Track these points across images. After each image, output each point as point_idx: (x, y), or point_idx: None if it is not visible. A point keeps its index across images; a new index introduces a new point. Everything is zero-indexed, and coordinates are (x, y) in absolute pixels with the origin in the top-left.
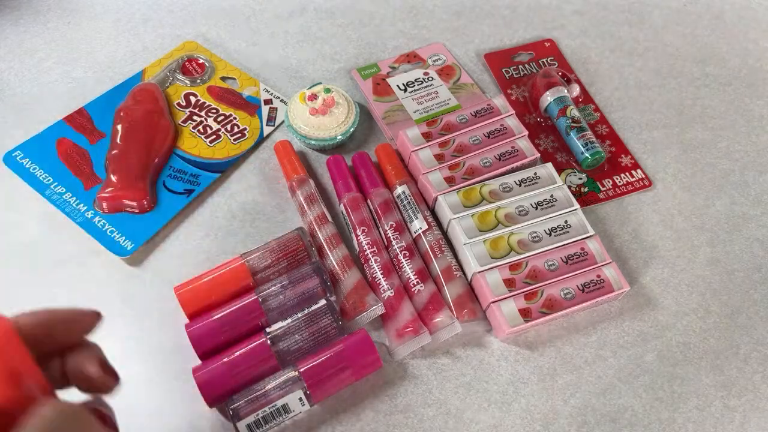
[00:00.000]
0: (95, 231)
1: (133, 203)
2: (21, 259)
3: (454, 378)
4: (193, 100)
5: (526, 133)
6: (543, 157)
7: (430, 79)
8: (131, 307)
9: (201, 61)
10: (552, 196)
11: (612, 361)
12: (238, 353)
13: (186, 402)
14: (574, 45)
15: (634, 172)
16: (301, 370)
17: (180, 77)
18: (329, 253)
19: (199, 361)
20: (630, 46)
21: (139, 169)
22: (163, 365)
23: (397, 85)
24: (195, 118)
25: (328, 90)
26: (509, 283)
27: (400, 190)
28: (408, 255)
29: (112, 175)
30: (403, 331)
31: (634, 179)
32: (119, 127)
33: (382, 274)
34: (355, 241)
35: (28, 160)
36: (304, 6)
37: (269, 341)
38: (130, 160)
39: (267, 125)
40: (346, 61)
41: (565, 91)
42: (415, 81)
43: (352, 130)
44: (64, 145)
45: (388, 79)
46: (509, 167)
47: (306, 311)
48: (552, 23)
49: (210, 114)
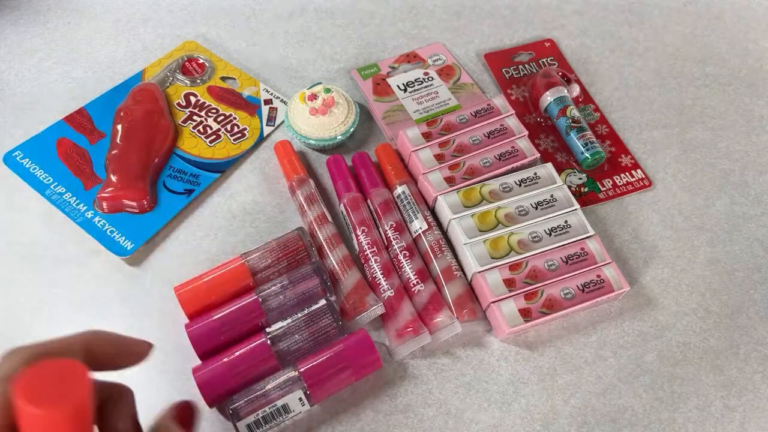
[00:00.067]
0: (95, 231)
1: (133, 203)
2: (21, 259)
3: (454, 378)
4: (193, 100)
5: (526, 133)
6: (543, 157)
7: (430, 79)
8: (131, 307)
9: (201, 61)
10: (552, 196)
11: (612, 361)
12: (238, 353)
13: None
14: (574, 45)
15: (634, 172)
16: (301, 370)
17: (180, 77)
18: (329, 253)
19: (199, 361)
20: (630, 46)
21: (139, 169)
22: (163, 365)
23: (397, 85)
24: (195, 118)
25: (328, 90)
26: (509, 283)
27: (400, 190)
28: (408, 255)
29: (112, 175)
30: (403, 331)
31: (634, 179)
32: (119, 127)
33: (382, 274)
34: (355, 241)
35: (28, 160)
36: (304, 6)
37: (269, 341)
38: (130, 160)
39: (267, 125)
40: (346, 61)
41: (565, 91)
42: (415, 81)
43: (352, 130)
44: (64, 145)
45: (388, 79)
46: (509, 167)
47: (306, 311)
48: (552, 23)
49: (210, 114)
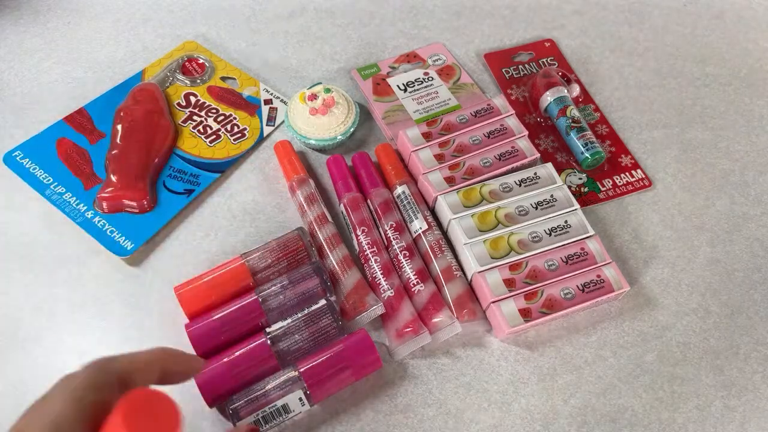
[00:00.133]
0: (95, 231)
1: (133, 203)
2: (21, 259)
3: (454, 378)
4: (193, 100)
5: (526, 133)
6: (543, 157)
7: (430, 79)
8: (131, 307)
9: (201, 61)
10: (552, 196)
11: (612, 361)
12: (238, 353)
13: (186, 402)
14: (574, 45)
15: (634, 172)
16: (301, 370)
17: (180, 77)
18: (329, 253)
19: None
20: (630, 46)
21: (139, 169)
22: None
23: (397, 85)
24: (195, 118)
25: (328, 90)
26: (509, 283)
27: (400, 190)
28: (408, 255)
29: (112, 175)
30: (403, 331)
31: (634, 179)
32: (119, 127)
33: (382, 274)
34: (355, 241)
35: (28, 160)
36: (304, 6)
37: (269, 341)
38: (130, 160)
39: (267, 125)
40: (346, 61)
41: (565, 91)
42: (415, 81)
43: (352, 130)
44: (64, 145)
45: (388, 79)
46: (509, 167)
47: (306, 311)
48: (552, 23)
49: (210, 114)
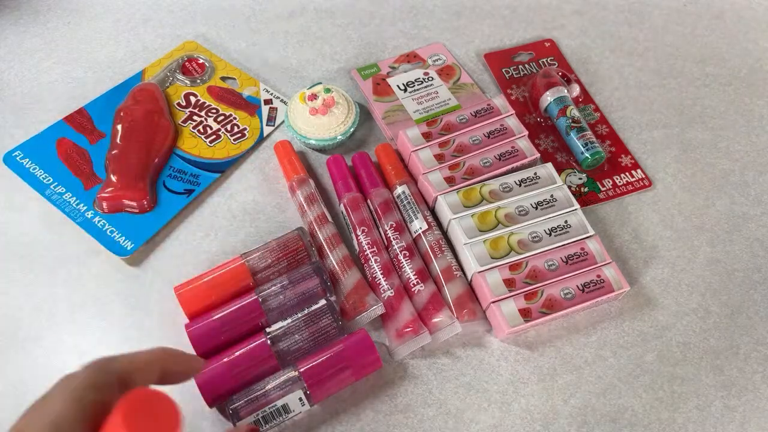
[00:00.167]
0: (95, 231)
1: (133, 203)
2: (21, 259)
3: (454, 378)
4: (193, 100)
5: (526, 133)
6: (543, 157)
7: (430, 79)
8: (131, 307)
9: (201, 61)
10: (552, 196)
11: (612, 361)
12: (238, 353)
13: (186, 401)
14: (574, 45)
15: (634, 172)
16: (301, 370)
17: (180, 77)
18: (329, 253)
19: None
20: (630, 46)
21: (139, 169)
22: None
23: (397, 85)
24: (195, 118)
25: (328, 90)
26: (509, 283)
27: (400, 190)
28: (408, 255)
29: (112, 175)
30: (403, 331)
31: (634, 179)
32: (119, 127)
33: (382, 274)
34: (355, 241)
35: (28, 160)
36: (304, 6)
37: (269, 341)
38: (130, 160)
39: (267, 125)
40: (346, 61)
41: (565, 91)
42: (415, 81)
43: (352, 130)
44: (64, 145)
45: (388, 79)
46: (509, 167)
47: (306, 311)
48: (552, 23)
49: (210, 114)
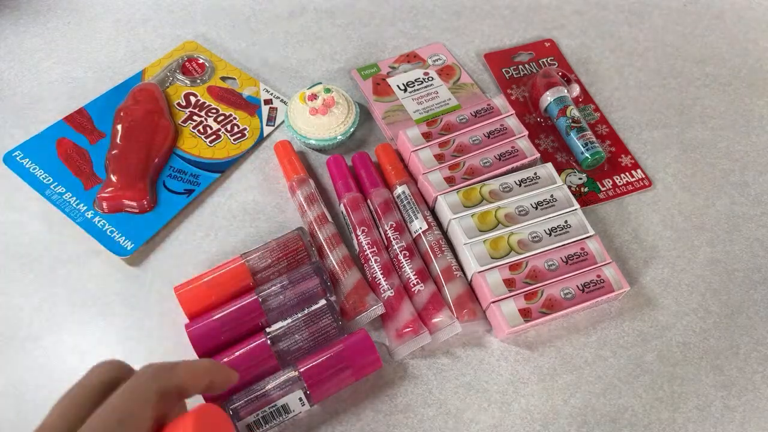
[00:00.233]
0: (95, 231)
1: (133, 203)
2: (21, 259)
3: (454, 378)
4: (193, 100)
5: (526, 133)
6: (543, 157)
7: (430, 79)
8: (131, 307)
9: (201, 61)
10: (552, 196)
11: (612, 361)
12: (238, 353)
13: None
14: (574, 45)
15: (634, 172)
16: (301, 370)
17: (180, 77)
18: (329, 253)
19: None
20: (630, 46)
21: (139, 169)
22: None
23: (397, 85)
24: (195, 118)
25: (328, 90)
26: (509, 283)
27: (400, 190)
28: (408, 255)
29: (112, 175)
30: (403, 331)
31: (634, 179)
32: (119, 127)
33: (382, 274)
34: (355, 241)
35: (28, 160)
36: (304, 6)
37: (269, 341)
38: (130, 160)
39: (267, 125)
40: (346, 61)
41: (565, 91)
42: (415, 81)
43: (352, 130)
44: (64, 145)
45: (388, 79)
46: (509, 167)
47: (306, 311)
48: (552, 23)
49: (210, 114)
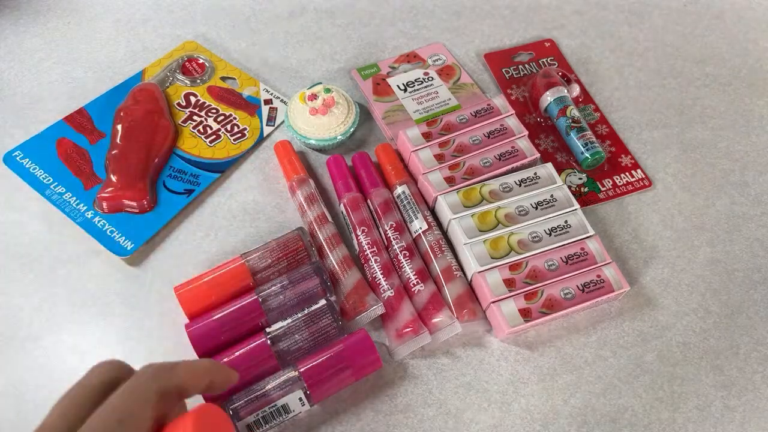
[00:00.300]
0: (95, 231)
1: (133, 203)
2: (21, 259)
3: (454, 378)
4: (193, 100)
5: (526, 133)
6: (543, 157)
7: (430, 79)
8: (131, 307)
9: (201, 61)
10: (552, 196)
11: (612, 361)
12: (238, 353)
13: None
14: (574, 45)
15: (634, 172)
16: (301, 370)
17: (180, 77)
18: (329, 253)
19: None
20: (630, 46)
21: (139, 169)
22: None
23: (397, 85)
24: (195, 118)
25: (328, 90)
26: (509, 283)
27: (400, 190)
28: (408, 255)
29: (112, 175)
30: (403, 331)
31: (634, 179)
32: (119, 127)
33: (382, 274)
34: (355, 241)
35: (28, 160)
36: (304, 6)
37: (269, 341)
38: (130, 160)
39: (267, 125)
40: (346, 61)
41: (565, 91)
42: (415, 81)
43: (352, 130)
44: (64, 145)
45: (388, 79)
46: (509, 167)
47: (306, 311)
48: (552, 23)
49: (210, 114)
